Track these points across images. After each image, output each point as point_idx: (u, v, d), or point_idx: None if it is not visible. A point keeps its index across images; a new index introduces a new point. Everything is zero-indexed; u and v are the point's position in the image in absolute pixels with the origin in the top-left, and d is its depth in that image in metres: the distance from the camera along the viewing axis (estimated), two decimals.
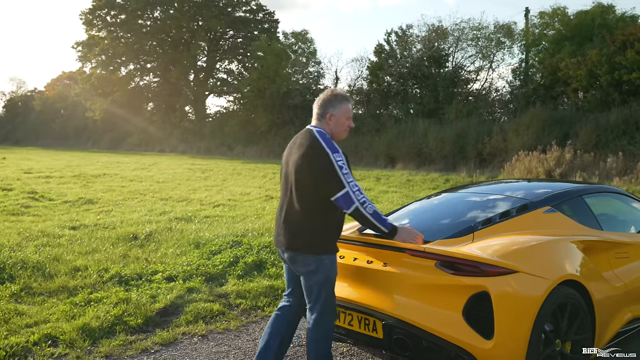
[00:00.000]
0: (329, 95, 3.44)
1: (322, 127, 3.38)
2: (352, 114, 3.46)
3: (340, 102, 3.39)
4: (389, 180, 18.05)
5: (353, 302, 3.45)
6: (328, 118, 3.37)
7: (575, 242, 3.59)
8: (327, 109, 3.38)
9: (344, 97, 3.43)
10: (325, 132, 3.35)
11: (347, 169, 3.26)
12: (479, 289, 3.04)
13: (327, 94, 3.46)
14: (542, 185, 4.77)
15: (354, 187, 3.22)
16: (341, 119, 3.38)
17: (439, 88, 26.95)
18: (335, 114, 3.37)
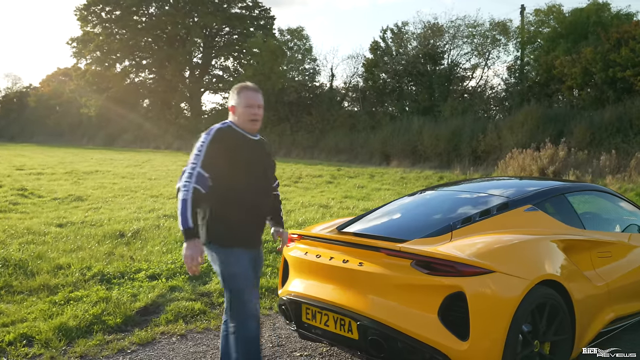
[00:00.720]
0: (232, 90, 3.47)
1: (231, 120, 3.38)
2: (256, 101, 3.34)
3: (237, 93, 3.35)
4: (383, 178, 17.99)
5: (328, 302, 3.39)
6: (231, 111, 3.37)
7: (555, 241, 3.53)
8: (230, 103, 3.40)
9: (242, 87, 3.39)
10: (233, 123, 3.35)
11: (200, 151, 3.18)
12: (455, 289, 2.98)
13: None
14: (526, 183, 4.71)
15: (187, 169, 3.15)
16: (239, 109, 3.32)
17: (434, 85, 26.91)
18: (235, 105, 3.34)
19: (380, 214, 4.16)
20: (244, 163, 3.26)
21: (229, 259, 3.25)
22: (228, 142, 3.24)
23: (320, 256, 3.55)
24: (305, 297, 3.56)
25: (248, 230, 3.31)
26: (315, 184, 16.14)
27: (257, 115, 3.33)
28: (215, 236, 3.24)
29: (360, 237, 3.64)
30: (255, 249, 3.40)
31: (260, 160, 3.39)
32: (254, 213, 3.33)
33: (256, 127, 3.36)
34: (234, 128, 3.32)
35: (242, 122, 3.32)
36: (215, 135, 3.23)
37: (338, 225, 4.01)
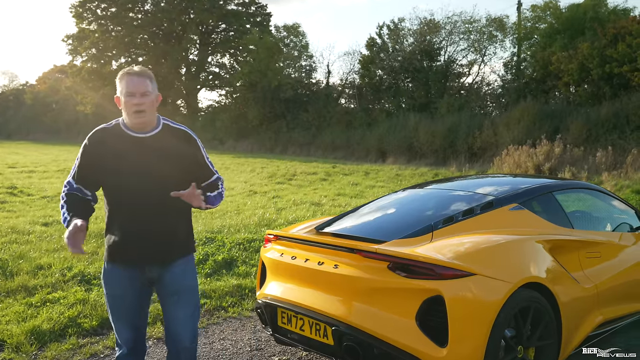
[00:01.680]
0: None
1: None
2: (138, 88, 2.77)
3: (119, 80, 2.83)
4: (378, 175, 17.85)
5: (303, 306, 3.24)
6: (117, 103, 2.87)
7: (541, 241, 3.38)
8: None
9: (124, 73, 2.84)
10: (122, 121, 2.89)
11: (76, 161, 2.90)
12: (433, 292, 2.84)
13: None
14: (515, 181, 4.56)
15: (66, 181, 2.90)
16: (122, 101, 2.81)
17: (430, 82, 26.72)
18: (118, 95, 2.85)
19: (360, 214, 4.01)
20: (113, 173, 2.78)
21: (103, 277, 2.97)
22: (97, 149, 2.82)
23: (295, 258, 3.41)
24: (281, 301, 3.42)
25: (122, 245, 2.84)
26: (309, 181, 16.00)
27: (140, 106, 2.75)
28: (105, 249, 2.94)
29: (338, 238, 3.50)
30: (141, 267, 2.87)
31: (144, 163, 2.80)
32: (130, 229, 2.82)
33: (143, 121, 2.79)
34: (118, 128, 2.85)
35: (125, 115, 2.83)
36: (87, 143, 2.86)
37: (317, 225, 3.87)
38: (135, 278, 2.87)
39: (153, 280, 2.91)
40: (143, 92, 2.77)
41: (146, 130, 2.85)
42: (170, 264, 2.89)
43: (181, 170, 2.88)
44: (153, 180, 2.80)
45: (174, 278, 2.90)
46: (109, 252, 2.89)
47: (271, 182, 15.59)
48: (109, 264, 2.90)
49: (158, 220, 2.83)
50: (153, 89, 2.85)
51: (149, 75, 2.85)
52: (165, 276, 2.89)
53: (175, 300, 2.92)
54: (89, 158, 2.84)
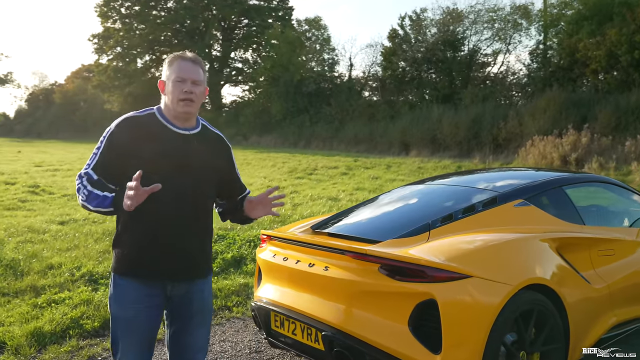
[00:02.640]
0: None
1: (161, 104, 2.58)
2: (190, 75, 2.47)
3: (167, 66, 2.53)
4: (400, 168, 17.63)
5: (294, 309, 3.12)
6: (160, 88, 2.58)
7: (547, 239, 3.19)
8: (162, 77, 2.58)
9: (176, 57, 2.54)
10: (159, 109, 2.56)
11: (96, 150, 2.46)
12: (426, 296, 2.68)
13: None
14: (523, 175, 4.34)
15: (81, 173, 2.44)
16: (168, 87, 2.49)
17: (454, 73, 26.31)
18: (164, 79, 2.54)
19: (359, 212, 3.86)
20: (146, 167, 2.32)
21: (113, 291, 2.52)
22: (128, 136, 2.42)
23: (287, 259, 3.28)
24: (273, 304, 3.30)
25: (147, 257, 2.44)
26: (329, 175, 15.86)
27: (190, 94, 2.45)
28: (114, 261, 2.54)
29: (333, 238, 3.36)
30: (163, 283, 2.48)
31: (186, 163, 2.46)
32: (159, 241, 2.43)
33: (189, 110, 2.47)
34: (153, 117, 2.50)
35: (170, 102, 2.49)
36: (114, 129, 2.46)
37: (313, 224, 3.73)
38: (154, 296, 2.48)
39: (171, 299, 2.54)
40: (195, 80, 2.47)
41: (187, 127, 2.52)
42: (196, 281, 2.55)
43: (219, 179, 2.61)
44: (193, 184, 2.46)
45: (201, 297, 2.58)
46: (127, 263, 2.46)
47: (291, 177, 15.51)
48: (124, 278, 2.47)
49: (192, 229, 2.49)
50: (204, 80, 2.56)
51: (202, 64, 2.56)
52: (191, 295, 2.55)
53: (198, 321, 2.59)
54: (116, 146, 2.41)
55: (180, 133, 2.50)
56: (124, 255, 2.47)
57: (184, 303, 2.55)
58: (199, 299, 2.58)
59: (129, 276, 2.46)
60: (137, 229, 2.42)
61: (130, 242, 2.45)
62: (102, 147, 2.44)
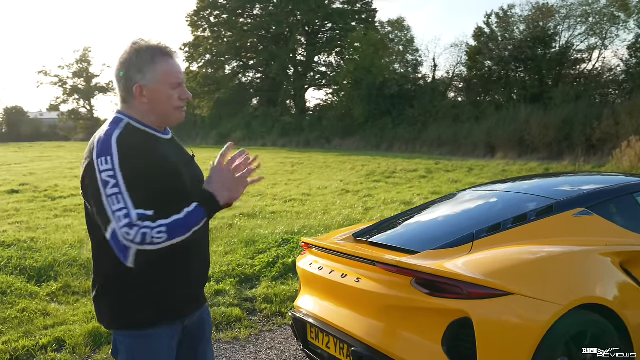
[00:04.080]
0: (129, 54, 1.95)
1: (129, 112, 1.98)
2: (182, 76, 2.01)
3: (152, 60, 1.93)
4: (482, 171, 16.95)
5: (327, 322, 2.98)
6: (137, 93, 1.95)
7: (609, 253, 2.84)
8: (133, 78, 1.93)
9: (158, 51, 1.95)
10: (134, 117, 1.97)
11: (117, 184, 1.80)
12: (460, 314, 2.45)
13: (127, 52, 1.96)
14: (592, 180, 3.93)
15: (122, 219, 1.76)
16: (159, 94, 1.95)
17: (544, 71, 25.06)
18: (146, 84, 1.94)
19: (406, 219, 3.65)
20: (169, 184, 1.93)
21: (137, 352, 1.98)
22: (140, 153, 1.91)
23: (322, 268, 3.14)
24: (309, 315, 3.17)
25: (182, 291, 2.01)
26: (407, 179, 15.52)
27: (186, 101, 2.04)
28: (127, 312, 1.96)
29: (372, 247, 3.19)
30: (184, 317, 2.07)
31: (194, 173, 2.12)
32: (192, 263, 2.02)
33: (182, 118, 2.05)
34: (135, 128, 1.96)
35: (160, 112, 1.99)
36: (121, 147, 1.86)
37: (356, 232, 3.56)
38: (176, 337, 2.05)
39: (185, 329, 2.11)
40: (183, 82, 2.04)
41: (165, 131, 2.07)
42: (203, 305, 2.19)
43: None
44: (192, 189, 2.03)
45: (208, 320, 2.25)
46: (155, 307, 1.94)
47: (367, 180, 15.32)
48: (149, 328, 1.95)
49: (207, 246, 2.14)
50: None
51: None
52: (202, 320, 2.18)
53: (209, 348, 2.25)
54: (135, 165, 1.86)
55: (167, 139, 2.06)
56: (148, 298, 1.94)
57: (196, 332, 2.16)
58: (209, 323, 2.27)
59: (157, 323, 1.95)
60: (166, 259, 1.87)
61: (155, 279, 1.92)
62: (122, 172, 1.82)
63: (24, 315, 4.93)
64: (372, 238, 3.33)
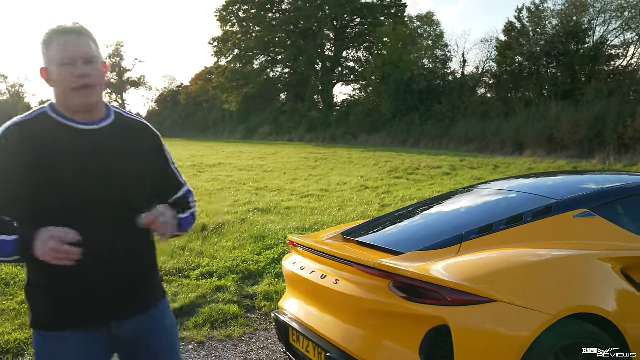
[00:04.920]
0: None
1: (52, 98, 1.93)
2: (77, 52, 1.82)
3: (45, 47, 1.85)
4: (508, 169, 16.54)
5: (305, 325, 2.83)
6: (42, 77, 1.90)
7: (608, 259, 2.61)
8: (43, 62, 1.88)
9: (49, 35, 1.85)
10: (52, 106, 1.92)
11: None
12: (438, 321, 2.28)
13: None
14: (599, 179, 3.67)
15: None
16: (54, 74, 1.84)
17: (576, 67, 24.35)
18: (45, 66, 1.87)
19: (398, 218, 3.47)
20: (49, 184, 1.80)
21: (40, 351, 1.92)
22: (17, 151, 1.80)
23: (304, 268, 2.99)
24: (290, 317, 3.03)
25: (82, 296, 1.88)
26: (430, 176, 15.24)
27: (85, 78, 1.83)
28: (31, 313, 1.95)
29: (359, 247, 3.02)
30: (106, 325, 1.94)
31: (100, 168, 1.88)
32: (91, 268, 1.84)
33: (89, 100, 1.86)
34: (46, 117, 1.88)
35: (61, 93, 1.86)
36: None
37: (345, 231, 3.40)
38: (93, 344, 1.93)
39: (120, 343, 2.00)
40: (87, 58, 1.84)
41: (94, 119, 1.92)
42: (146, 312, 2.02)
43: (145, 178, 1.99)
44: (115, 193, 1.89)
45: (155, 332, 2.06)
46: (53, 313, 1.89)
47: (389, 176, 15.09)
48: (51, 333, 1.89)
49: (124, 245, 1.93)
50: (99, 55, 1.90)
51: (90, 34, 1.89)
52: (143, 334, 2.02)
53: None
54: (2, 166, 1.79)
55: (85, 129, 1.89)
56: (40, 301, 1.91)
57: (136, 346, 2.02)
58: (156, 335, 2.06)
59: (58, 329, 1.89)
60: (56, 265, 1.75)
61: (47, 281, 1.86)
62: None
63: (23, 307, 4.91)
64: (360, 237, 3.16)
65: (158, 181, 2.07)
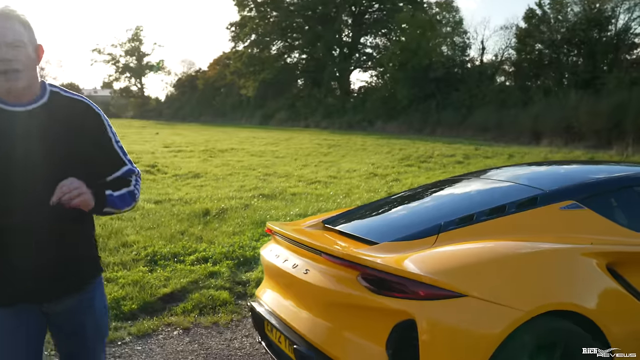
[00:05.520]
0: None
1: None
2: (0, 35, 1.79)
3: None
4: (523, 159, 16.25)
5: (277, 315, 2.74)
6: None
7: (592, 253, 2.47)
8: None
9: None
10: None
11: None
12: (404, 315, 2.17)
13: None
14: (591, 170, 3.48)
15: None
16: None
17: (598, 55, 23.80)
18: None
19: (382, 206, 3.35)
20: None
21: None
22: None
23: (279, 257, 2.90)
24: (264, 306, 2.94)
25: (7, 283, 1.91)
26: (442, 164, 15.03)
27: (9, 63, 1.80)
28: None
29: (339, 235, 2.92)
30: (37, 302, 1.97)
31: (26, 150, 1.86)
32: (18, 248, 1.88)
33: (13, 86, 1.83)
34: None
35: None
36: None
37: (326, 218, 3.29)
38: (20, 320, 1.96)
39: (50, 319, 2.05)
40: (11, 42, 1.79)
41: (24, 101, 1.89)
42: (75, 294, 2.03)
43: (80, 159, 1.95)
44: (42, 175, 1.86)
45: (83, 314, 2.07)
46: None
47: (401, 164, 14.92)
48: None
49: (52, 236, 1.91)
50: (30, 38, 1.86)
51: (19, 16, 1.84)
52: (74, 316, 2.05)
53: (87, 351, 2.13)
54: None
55: (12, 111, 1.87)
56: None
57: (61, 323, 2.06)
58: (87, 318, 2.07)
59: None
60: None
61: None
62: None
63: None
64: (340, 226, 3.05)
65: (97, 160, 2.02)
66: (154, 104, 69.05)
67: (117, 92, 69.57)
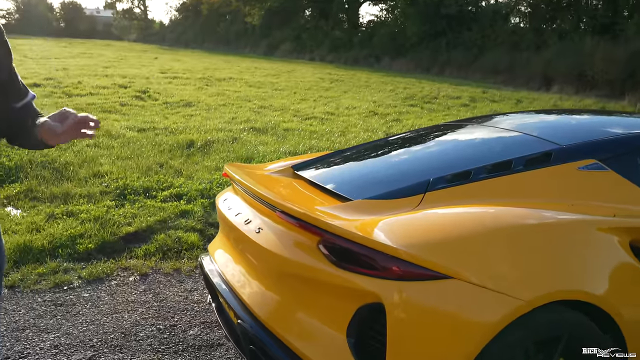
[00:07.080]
0: None
1: None
2: None
3: None
4: (531, 105, 15.58)
5: (224, 278, 2.28)
6: None
7: (611, 228, 1.97)
8: None
9: None
10: None
11: None
12: (371, 297, 1.70)
13: None
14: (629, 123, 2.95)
15: None
16: None
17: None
18: None
19: (366, 152, 2.83)
20: None
21: None
22: None
23: (231, 208, 2.41)
24: (214, 264, 2.48)
25: None
26: (446, 106, 14.36)
27: None
28: None
29: (308, 185, 2.42)
30: None
31: None
32: None
33: None
34: None
35: None
36: None
37: (297, 164, 2.77)
38: None
39: None
40: None
41: None
42: None
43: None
44: None
45: None
46: None
47: (404, 103, 14.25)
48: None
49: None
50: None
51: None
52: None
53: None
54: None
55: None
56: None
57: None
58: None
59: None
60: None
61: None
62: None
63: None
64: (311, 174, 2.54)
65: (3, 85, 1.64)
66: (158, 27, 67.07)
67: (119, 13, 67.46)
